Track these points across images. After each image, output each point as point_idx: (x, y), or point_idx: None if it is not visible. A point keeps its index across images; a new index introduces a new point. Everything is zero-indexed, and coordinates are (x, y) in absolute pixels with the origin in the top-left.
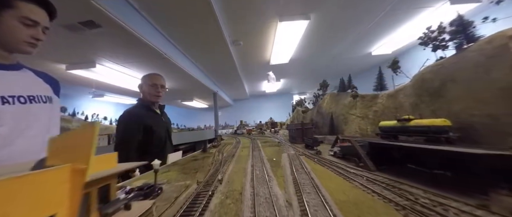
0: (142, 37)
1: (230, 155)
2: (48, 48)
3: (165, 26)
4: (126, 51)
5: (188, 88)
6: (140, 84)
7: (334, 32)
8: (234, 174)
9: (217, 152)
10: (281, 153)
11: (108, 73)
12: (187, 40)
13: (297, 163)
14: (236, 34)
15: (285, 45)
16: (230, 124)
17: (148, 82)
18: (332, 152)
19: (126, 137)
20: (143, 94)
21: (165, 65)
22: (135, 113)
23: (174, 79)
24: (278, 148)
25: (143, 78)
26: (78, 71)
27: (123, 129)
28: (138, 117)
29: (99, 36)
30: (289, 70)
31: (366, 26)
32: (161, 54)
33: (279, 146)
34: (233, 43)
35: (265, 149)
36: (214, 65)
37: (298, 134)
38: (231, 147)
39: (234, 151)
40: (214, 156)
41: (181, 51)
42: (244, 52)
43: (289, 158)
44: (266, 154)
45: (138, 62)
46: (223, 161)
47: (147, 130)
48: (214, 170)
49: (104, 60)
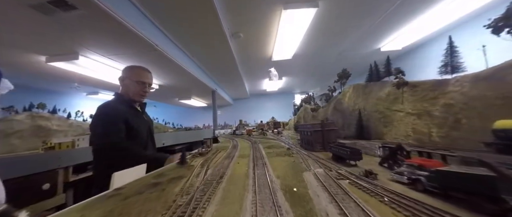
0: (128, 24)
1: (217, 175)
2: (23, 36)
3: (157, 16)
4: (112, 42)
5: (185, 85)
6: (122, 77)
7: (342, 24)
8: None
9: (200, 165)
10: (298, 170)
11: (94, 66)
12: (182, 31)
13: (350, 206)
14: (235, 26)
15: (289, 39)
16: (230, 124)
17: (133, 77)
18: (398, 176)
19: (109, 131)
20: (125, 89)
21: (158, 59)
22: (117, 107)
23: (169, 75)
24: (290, 159)
25: (127, 71)
26: (59, 63)
27: (106, 120)
28: (120, 112)
29: (79, 22)
30: (292, 67)
31: (377, 18)
32: (152, 46)
33: (291, 155)
34: (232, 35)
35: (272, 160)
36: (212, 60)
37: (317, 138)
38: (223, 155)
39: (226, 163)
40: (190, 178)
41: (176, 44)
42: (245, 47)
43: (324, 187)
44: (275, 172)
45: (127, 54)
46: (200, 192)
47: (130, 130)
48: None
49: (88, 51)
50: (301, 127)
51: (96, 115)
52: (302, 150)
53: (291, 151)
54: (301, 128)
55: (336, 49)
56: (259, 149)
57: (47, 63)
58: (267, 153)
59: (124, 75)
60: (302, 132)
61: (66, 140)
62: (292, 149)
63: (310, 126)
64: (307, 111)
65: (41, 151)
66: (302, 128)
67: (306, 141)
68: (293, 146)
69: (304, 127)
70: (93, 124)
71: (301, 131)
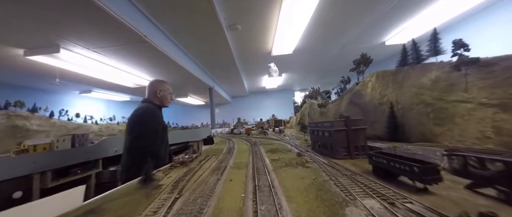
0: (111, 11)
1: (190, 213)
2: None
3: (146, 3)
4: (95, 33)
5: (181, 82)
6: (160, 89)
7: (346, 15)
8: None
9: (172, 185)
10: (333, 201)
11: (78, 60)
12: (174, 22)
13: None
14: (233, 16)
15: (290, 32)
16: (228, 122)
17: (167, 90)
18: None
19: (150, 130)
20: (160, 98)
21: (149, 52)
22: (156, 112)
23: (163, 71)
24: (307, 173)
25: (164, 85)
26: (39, 57)
27: (148, 121)
28: (159, 116)
29: (58, 10)
30: (292, 63)
31: (383, 8)
32: (140, 37)
33: (305, 165)
34: (229, 27)
35: (282, 175)
36: (208, 55)
37: (339, 141)
38: (212, 165)
39: (212, 182)
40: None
41: (168, 36)
42: (243, 40)
43: None
44: (293, 205)
45: (113, 47)
46: None
47: (163, 130)
48: None
49: (70, 44)
50: (313, 126)
51: (140, 121)
52: (318, 156)
53: (303, 158)
54: (314, 127)
55: (338, 42)
56: (261, 154)
57: (25, 56)
58: (272, 160)
59: (162, 88)
60: (314, 132)
61: (43, 142)
62: (303, 154)
63: (329, 124)
64: (313, 107)
65: (12, 154)
66: (314, 127)
67: (321, 144)
68: (303, 149)
69: (319, 126)
70: (136, 128)
71: (314, 130)
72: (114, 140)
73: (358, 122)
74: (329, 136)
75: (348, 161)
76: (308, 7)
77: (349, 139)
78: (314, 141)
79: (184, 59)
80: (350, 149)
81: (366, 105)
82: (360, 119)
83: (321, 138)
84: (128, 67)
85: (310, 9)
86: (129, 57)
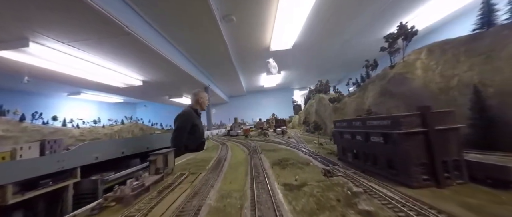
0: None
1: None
2: None
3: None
4: (69, 23)
5: (174, 80)
6: (200, 96)
7: (350, 6)
8: None
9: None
10: None
11: (52, 56)
12: (160, 11)
13: None
14: (227, 6)
15: (289, 24)
16: (226, 122)
17: (205, 97)
18: None
19: (183, 126)
20: (200, 103)
21: (134, 47)
22: (190, 113)
23: (152, 68)
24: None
25: (202, 94)
26: (3, 52)
27: (182, 120)
28: (190, 116)
29: None
30: (292, 59)
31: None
32: (122, 28)
33: (353, 202)
34: (223, 18)
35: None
36: (202, 51)
37: (412, 152)
38: (176, 203)
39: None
40: None
41: (156, 29)
42: (238, 33)
43: None
44: None
45: (91, 40)
46: None
47: (193, 126)
48: None
49: (40, 37)
50: (344, 126)
51: (179, 115)
52: (360, 177)
53: (346, 187)
54: (344, 127)
55: (341, 36)
56: (265, 171)
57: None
58: (287, 190)
59: (201, 96)
60: (343, 135)
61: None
62: (333, 171)
63: (387, 122)
64: (323, 103)
65: None
66: (345, 128)
67: (369, 157)
68: (328, 161)
69: (356, 125)
70: (174, 122)
71: (343, 132)
72: (94, 146)
73: (445, 117)
74: (384, 143)
75: (436, 193)
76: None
77: (433, 148)
78: (345, 148)
79: (175, 55)
80: (436, 168)
81: (414, 95)
82: (448, 111)
83: (361, 145)
84: (114, 64)
85: None
86: (113, 53)
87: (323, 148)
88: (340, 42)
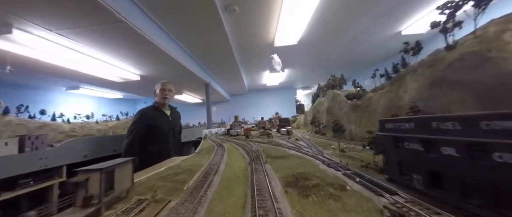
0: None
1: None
2: None
3: None
4: (55, 8)
5: (173, 76)
6: (154, 89)
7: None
8: None
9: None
10: None
11: (40, 45)
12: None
13: None
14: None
15: (296, 17)
16: (227, 121)
17: (159, 87)
18: None
19: (133, 129)
20: (156, 97)
21: (128, 37)
22: (143, 113)
23: (149, 62)
24: None
25: (158, 85)
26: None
27: (132, 122)
28: (144, 116)
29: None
30: (296, 56)
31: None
32: (113, 14)
33: None
34: (225, 8)
35: None
36: (202, 44)
37: None
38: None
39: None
40: None
41: (151, 18)
42: (241, 26)
43: None
44: None
45: (80, 28)
46: None
47: (150, 127)
48: None
49: (25, 23)
50: (419, 130)
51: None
52: None
53: None
54: (420, 131)
55: (350, 32)
56: (276, 205)
57: None
58: None
59: (155, 88)
60: (422, 147)
61: None
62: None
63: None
64: (337, 100)
65: None
66: (426, 133)
67: (475, 189)
68: (372, 184)
69: (456, 130)
70: None
71: (419, 140)
72: (83, 142)
73: None
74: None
75: None
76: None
77: None
78: (405, 164)
79: (174, 48)
80: None
81: (505, 82)
82: None
83: (457, 165)
84: (107, 56)
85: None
86: (105, 43)
87: (349, 157)
88: (348, 38)
